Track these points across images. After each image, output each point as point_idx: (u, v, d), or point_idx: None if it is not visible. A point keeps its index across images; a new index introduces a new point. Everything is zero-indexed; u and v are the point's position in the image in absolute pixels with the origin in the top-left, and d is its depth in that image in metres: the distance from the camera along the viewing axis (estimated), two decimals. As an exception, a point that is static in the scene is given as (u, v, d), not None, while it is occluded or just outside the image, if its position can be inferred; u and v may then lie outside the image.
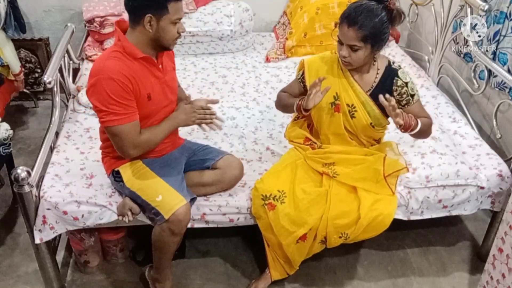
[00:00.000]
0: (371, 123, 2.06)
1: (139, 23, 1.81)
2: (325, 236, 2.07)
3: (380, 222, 2.08)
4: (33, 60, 3.46)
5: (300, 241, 2.06)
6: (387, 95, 1.88)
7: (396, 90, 2.01)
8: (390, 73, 2.01)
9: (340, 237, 2.08)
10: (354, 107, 2.05)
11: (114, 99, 1.79)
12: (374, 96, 2.01)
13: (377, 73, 2.03)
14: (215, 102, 2.06)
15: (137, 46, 1.84)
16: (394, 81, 2.00)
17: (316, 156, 2.16)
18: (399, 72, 2.01)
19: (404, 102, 2.03)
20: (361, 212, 2.03)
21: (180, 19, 1.85)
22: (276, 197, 2.05)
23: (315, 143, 2.20)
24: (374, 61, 2.01)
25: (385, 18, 1.87)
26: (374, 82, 2.03)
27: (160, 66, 1.95)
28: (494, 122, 2.55)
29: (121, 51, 1.84)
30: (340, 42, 1.92)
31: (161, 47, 1.90)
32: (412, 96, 2.02)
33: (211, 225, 2.17)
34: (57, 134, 2.45)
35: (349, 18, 1.86)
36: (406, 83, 2.00)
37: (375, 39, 1.88)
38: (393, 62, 2.05)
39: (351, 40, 1.87)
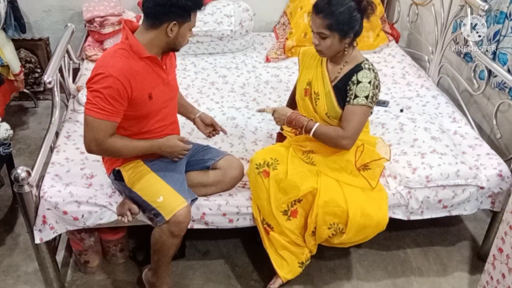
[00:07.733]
0: (326, 113, 2.07)
1: (158, 27, 1.82)
2: (315, 226, 2.08)
3: (376, 226, 2.10)
4: (33, 60, 3.46)
5: (291, 218, 2.09)
6: (262, 108, 2.23)
7: (349, 85, 2.01)
8: (356, 69, 2.02)
9: (329, 228, 2.08)
10: (318, 96, 2.09)
11: (103, 95, 1.79)
12: (336, 88, 2.05)
13: (345, 67, 2.04)
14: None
15: (146, 46, 1.86)
16: (353, 77, 2.00)
17: (296, 143, 2.19)
18: (362, 71, 2.00)
19: (347, 98, 2.02)
20: (349, 210, 2.03)
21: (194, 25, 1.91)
22: (269, 163, 2.09)
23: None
24: (345, 51, 2.01)
25: (352, 8, 1.90)
26: (339, 73, 2.05)
27: (165, 66, 1.96)
28: (494, 122, 2.55)
29: (127, 49, 1.85)
30: (312, 30, 1.98)
31: (172, 49, 1.94)
32: (356, 97, 1.98)
33: (210, 227, 2.17)
34: (57, 134, 2.45)
35: (317, 6, 1.92)
36: (359, 82, 1.98)
37: (342, 28, 1.91)
38: (370, 64, 2.03)
39: (318, 28, 1.93)
